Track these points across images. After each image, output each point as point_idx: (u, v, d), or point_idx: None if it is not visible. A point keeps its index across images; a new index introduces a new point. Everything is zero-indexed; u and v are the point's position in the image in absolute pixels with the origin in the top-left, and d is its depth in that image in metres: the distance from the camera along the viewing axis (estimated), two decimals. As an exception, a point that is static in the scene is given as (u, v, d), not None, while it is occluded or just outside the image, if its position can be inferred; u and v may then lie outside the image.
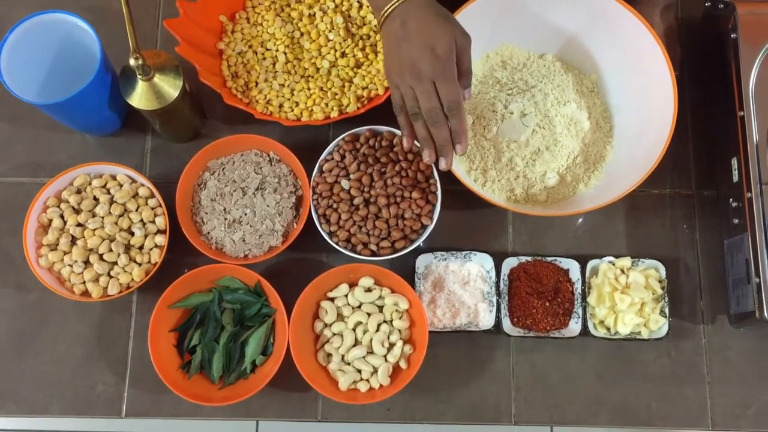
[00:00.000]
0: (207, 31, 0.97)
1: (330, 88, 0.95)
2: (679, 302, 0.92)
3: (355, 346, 0.87)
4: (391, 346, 0.87)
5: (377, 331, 0.87)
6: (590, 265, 0.91)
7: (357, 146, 0.91)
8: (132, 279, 0.88)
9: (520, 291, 0.90)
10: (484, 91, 0.94)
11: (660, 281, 0.90)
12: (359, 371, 0.87)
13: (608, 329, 0.89)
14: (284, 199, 0.91)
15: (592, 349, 0.91)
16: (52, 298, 0.91)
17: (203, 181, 0.92)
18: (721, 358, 0.91)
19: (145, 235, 0.89)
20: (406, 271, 0.91)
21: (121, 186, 0.91)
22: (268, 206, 0.90)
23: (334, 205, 0.89)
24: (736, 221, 0.87)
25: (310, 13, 0.98)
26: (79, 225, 0.89)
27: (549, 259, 0.92)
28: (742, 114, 0.87)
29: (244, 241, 0.90)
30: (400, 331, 0.88)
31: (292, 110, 0.94)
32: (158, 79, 0.85)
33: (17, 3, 1.03)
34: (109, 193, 0.91)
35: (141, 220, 0.90)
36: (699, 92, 0.99)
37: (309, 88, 0.95)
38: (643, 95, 0.91)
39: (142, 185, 0.91)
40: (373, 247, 0.88)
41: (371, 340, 0.87)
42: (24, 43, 0.87)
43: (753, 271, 0.83)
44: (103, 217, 0.89)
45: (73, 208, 0.90)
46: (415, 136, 0.80)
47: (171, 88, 0.86)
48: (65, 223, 0.89)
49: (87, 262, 0.88)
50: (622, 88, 0.94)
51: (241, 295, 0.89)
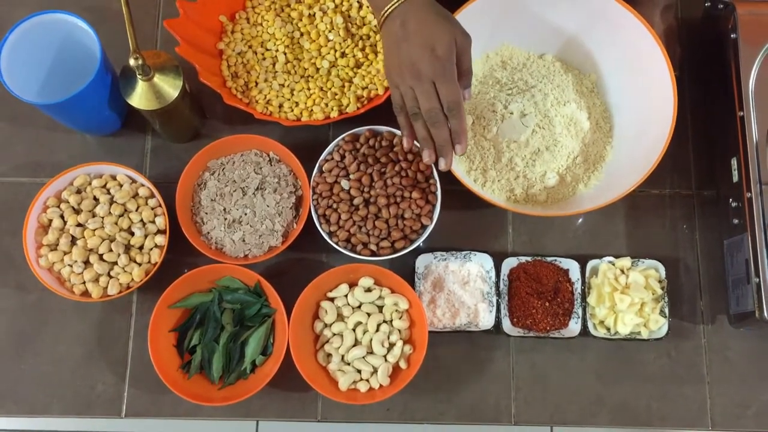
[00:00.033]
0: (207, 31, 0.97)
1: (330, 88, 0.95)
2: (679, 302, 0.92)
3: (355, 346, 0.87)
4: (391, 346, 0.87)
5: (377, 331, 0.87)
6: (590, 265, 0.91)
7: (357, 146, 0.91)
8: (132, 279, 0.88)
9: (519, 291, 0.90)
10: (484, 91, 0.94)
11: (660, 281, 0.90)
12: (359, 371, 0.87)
13: (608, 329, 0.89)
14: (284, 199, 0.91)
15: (592, 349, 0.91)
16: (52, 298, 0.91)
17: (203, 181, 0.92)
18: (720, 358, 0.91)
19: (145, 235, 0.89)
20: (406, 271, 0.91)
21: (121, 186, 0.91)
22: (268, 206, 0.90)
23: (334, 205, 0.89)
24: (736, 221, 0.87)
25: (310, 14, 0.98)
26: (79, 225, 0.89)
27: (549, 259, 0.92)
28: (742, 114, 0.87)
29: (244, 241, 0.90)
30: (400, 331, 0.88)
31: (292, 110, 0.94)
32: (158, 79, 0.85)
33: (17, 3, 1.03)
34: (109, 193, 0.91)
35: (141, 220, 0.90)
36: (699, 92, 0.99)
37: (309, 88, 0.95)
38: (643, 95, 0.91)
39: (142, 185, 0.91)
40: (373, 247, 0.88)
41: (371, 340, 0.87)
42: (24, 43, 0.87)
43: (753, 271, 0.83)
44: (103, 217, 0.89)
45: (73, 208, 0.90)
46: (414, 137, 0.80)
47: (171, 88, 0.86)
48: (65, 223, 0.89)
49: (87, 262, 0.88)
50: (622, 88, 0.94)
51: (241, 295, 0.89)
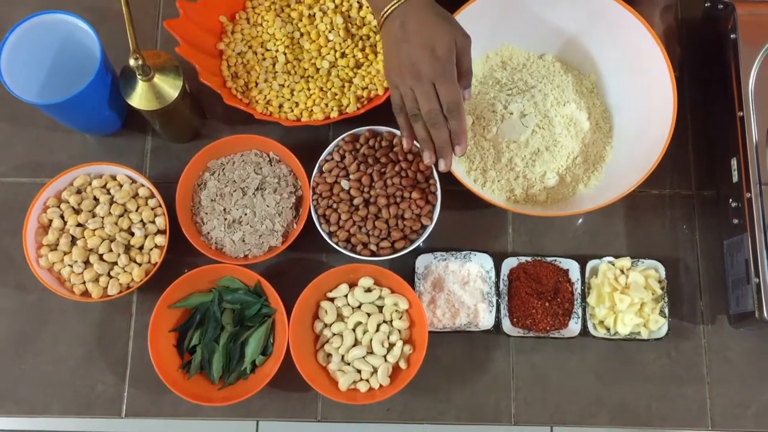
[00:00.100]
0: (207, 31, 0.97)
1: (330, 89, 0.95)
2: (679, 302, 0.92)
3: (354, 346, 0.87)
4: (391, 346, 0.87)
5: (377, 331, 0.87)
6: (590, 265, 0.91)
7: (357, 146, 0.91)
8: (132, 279, 0.88)
9: (519, 291, 0.90)
10: (484, 91, 0.94)
11: (660, 281, 0.90)
12: (359, 371, 0.87)
13: (608, 329, 0.89)
14: (284, 200, 0.91)
15: (592, 350, 0.91)
16: (52, 298, 0.91)
17: (203, 181, 0.92)
18: (720, 359, 0.91)
19: (145, 236, 0.89)
20: (406, 271, 0.91)
21: (121, 186, 0.91)
22: (268, 206, 0.90)
23: (334, 206, 0.89)
24: (736, 221, 0.87)
25: (310, 14, 0.98)
26: (79, 225, 0.89)
27: (549, 260, 0.92)
28: (742, 114, 0.87)
29: (244, 241, 0.90)
30: (399, 332, 0.88)
31: (292, 110, 0.94)
32: (158, 80, 0.85)
33: (17, 3, 1.03)
34: (109, 194, 0.91)
35: (141, 221, 0.90)
36: (699, 92, 0.99)
37: (309, 89, 0.95)
38: (643, 95, 0.91)
39: (142, 185, 0.91)
40: (373, 248, 0.88)
41: (371, 341, 0.87)
42: (24, 44, 0.87)
43: (752, 272, 0.83)
44: (103, 218, 0.89)
45: (73, 208, 0.90)
46: (414, 137, 0.80)
47: (171, 88, 0.86)
48: (65, 223, 0.89)
49: (87, 263, 0.88)
50: (622, 89, 0.94)
51: (241, 295, 0.89)
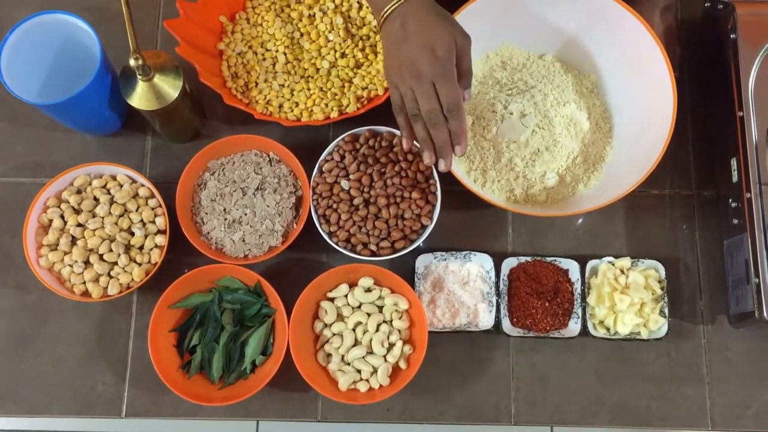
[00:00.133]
0: (207, 31, 0.97)
1: (330, 89, 0.95)
2: (679, 302, 0.92)
3: (354, 346, 0.87)
4: (391, 346, 0.87)
5: (377, 331, 0.87)
6: (590, 265, 0.91)
7: (357, 146, 0.91)
8: (132, 279, 0.88)
9: (519, 291, 0.90)
10: (484, 91, 0.94)
11: (659, 281, 0.90)
12: (359, 371, 0.87)
13: (608, 329, 0.89)
14: (284, 200, 0.91)
15: (592, 350, 0.91)
16: (52, 298, 0.91)
17: (203, 181, 0.92)
18: (720, 359, 0.91)
19: (145, 236, 0.89)
20: (406, 271, 0.91)
21: (122, 186, 0.91)
22: (268, 206, 0.90)
23: (334, 206, 0.89)
24: (736, 221, 0.87)
25: (310, 14, 0.98)
26: (80, 225, 0.89)
27: (549, 260, 0.92)
28: (742, 114, 0.87)
29: (244, 241, 0.90)
30: (399, 332, 0.88)
31: (292, 110, 0.94)
32: (158, 80, 0.85)
33: (17, 3, 1.03)
34: (109, 194, 0.91)
35: (141, 221, 0.90)
36: (699, 92, 0.99)
37: (309, 89, 0.95)
38: (643, 95, 0.91)
39: (143, 185, 0.91)
40: (373, 248, 0.88)
41: (371, 341, 0.87)
42: (24, 44, 0.87)
43: (752, 272, 0.83)
44: (103, 218, 0.89)
45: (74, 208, 0.90)
46: (414, 137, 0.80)
47: (171, 88, 0.86)
48: (65, 223, 0.89)
49: (87, 263, 0.88)
50: (622, 89, 0.94)
51: (241, 295, 0.89)
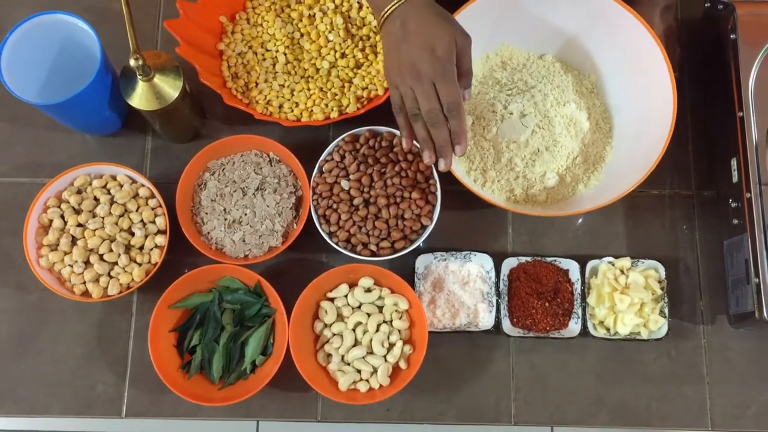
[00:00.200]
0: (207, 31, 0.97)
1: (330, 89, 0.95)
2: (679, 302, 0.92)
3: (354, 346, 0.87)
4: (391, 346, 0.87)
5: (377, 331, 0.87)
6: (590, 265, 0.91)
7: (357, 147, 0.91)
8: (132, 279, 0.88)
9: (519, 291, 0.90)
10: (484, 91, 0.94)
11: (659, 281, 0.90)
12: (359, 371, 0.87)
13: (608, 329, 0.89)
14: (284, 200, 0.91)
15: (592, 350, 0.91)
16: (52, 298, 0.91)
17: (203, 181, 0.92)
18: (720, 359, 0.91)
19: (146, 236, 0.89)
20: (406, 271, 0.91)
21: (122, 186, 0.91)
22: (268, 206, 0.90)
23: (334, 206, 0.89)
24: (736, 222, 0.87)
25: (310, 14, 0.98)
26: (80, 225, 0.89)
27: (549, 260, 0.92)
28: (742, 114, 0.87)
29: (244, 241, 0.90)
30: (399, 332, 0.88)
31: (292, 111, 0.94)
32: (158, 80, 0.85)
33: (18, 3, 1.03)
34: (109, 194, 0.91)
35: (141, 221, 0.90)
36: (699, 92, 0.99)
37: (309, 89, 0.95)
38: (643, 96, 0.91)
39: (143, 185, 0.91)
40: (373, 248, 0.88)
41: (371, 341, 0.87)
42: (24, 44, 0.87)
43: (752, 272, 0.83)
44: (103, 218, 0.89)
45: (74, 208, 0.90)
46: (414, 137, 0.80)
47: (171, 88, 0.86)
48: (66, 223, 0.89)
49: (87, 263, 0.88)
50: (622, 89, 0.94)
51: (241, 296, 0.89)
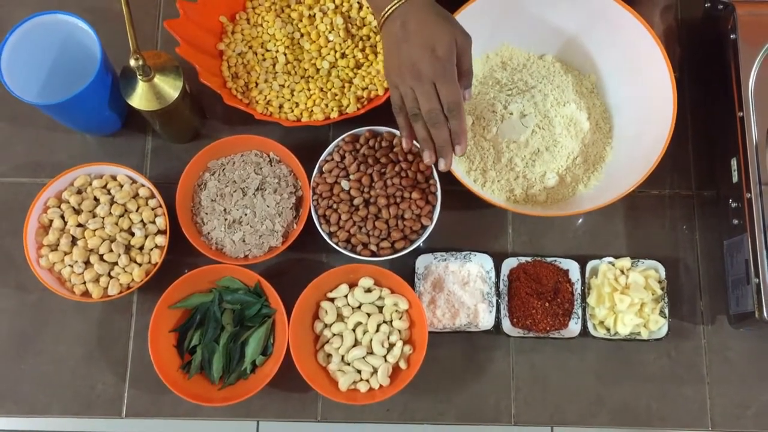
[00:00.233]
0: (207, 31, 0.97)
1: (330, 89, 0.95)
2: (679, 303, 0.92)
3: (354, 346, 0.87)
4: (391, 346, 0.87)
5: (377, 331, 0.87)
6: (590, 265, 0.91)
7: (357, 147, 0.91)
8: (132, 279, 0.88)
9: (519, 291, 0.90)
10: (484, 91, 0.94)
11: (659, 282, 0.90)
12: (359, 371, 0.87)
13: (608, 330, 0.89)
14: (284, 200, 0.91)
15: (592, 350, 0.91)
16: (52, 298, 0.91)
17: (203, 181, 0.92)
18: (720, 359, 0.91)
19: (146, 236, 0.89)
20: (406, 271, 0.91)
21: (122, 186, 0.91)
22: (268, 207, 0.90)
23: (334, 206, 0.89)
24: (736, 222, 0.87)
25: (310, 14, 0.98)
26: (80, 225, 0.89)
27: (549, 260, 0.92)
28: (742, 114, 0.87)
29: (244, 241, 0.90)
30: (399, 332, 0.88)
31: (292, 111, 0.94)
32: (158, 80, 0.85)
33: (18, 3, 1.03)
34: (109, 194, 0.91)
35: (141, 221, 0.90)
36: (699, 92, 0.99)
37: (309, 89, 0.95)
38: (643, 96, 0.91)
39: (143, 186, 0.91)
40: (373, 248, 0.88)
41: (371, 341, 0.87)
42: (24, 44, 0.87)
43: (752, 272, 0.83)
44: (103, 218, 0.89)
45: (74, 208, 0.90)
46: (414, 137, 0.80)
47: (171, 88, 0.86)
48: (66, 223, 0.89)
49: (87, 263, 0.88)
50: (622, 89, 0.94)
51: (241, 296, 0.89)
